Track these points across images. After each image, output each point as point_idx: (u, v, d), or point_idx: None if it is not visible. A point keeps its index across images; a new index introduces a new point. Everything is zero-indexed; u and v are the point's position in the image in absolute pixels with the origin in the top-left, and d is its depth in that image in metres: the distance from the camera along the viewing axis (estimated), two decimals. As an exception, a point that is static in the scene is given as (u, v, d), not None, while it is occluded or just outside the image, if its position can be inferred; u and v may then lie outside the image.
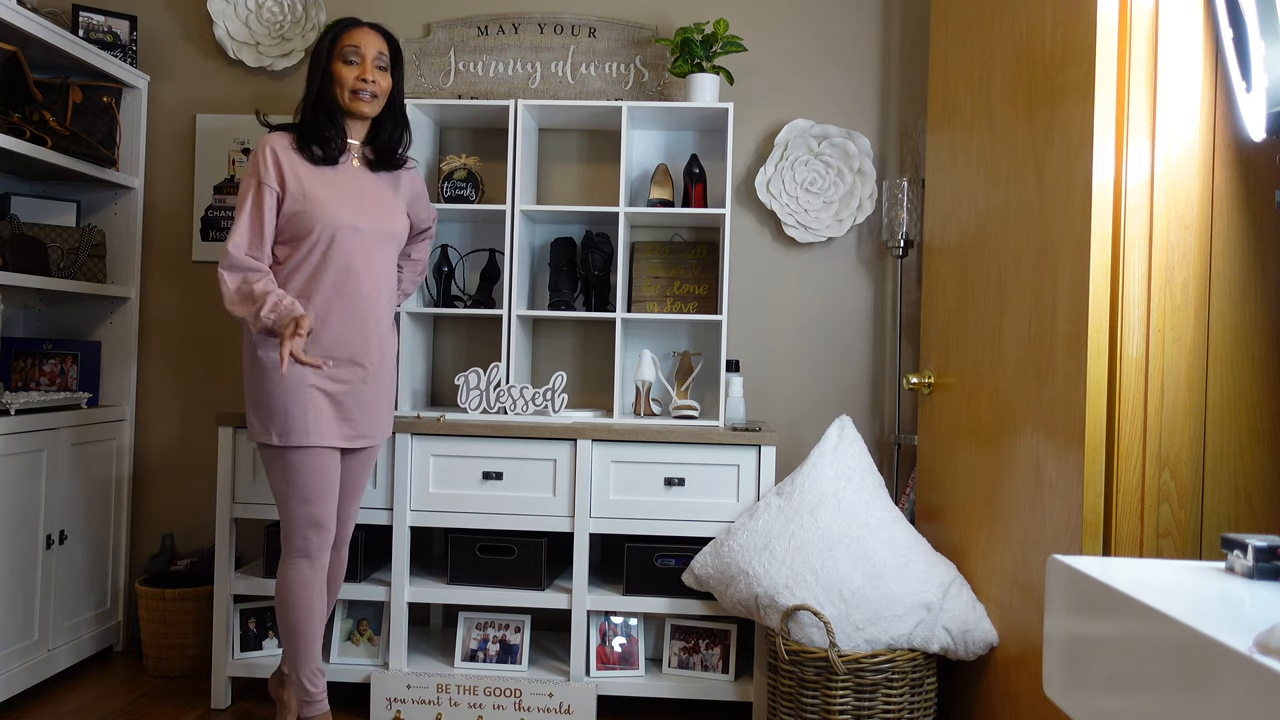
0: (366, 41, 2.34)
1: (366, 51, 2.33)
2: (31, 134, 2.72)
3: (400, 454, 2.70)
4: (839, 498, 2.48)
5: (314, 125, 2.34)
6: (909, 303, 3.09)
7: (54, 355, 3.12)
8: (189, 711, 2.71)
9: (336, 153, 2.35)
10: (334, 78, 2.33)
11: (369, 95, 2.33)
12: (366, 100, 2.33)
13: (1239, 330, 1.78)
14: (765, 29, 3.17)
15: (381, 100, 2.37)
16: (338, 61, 2.32)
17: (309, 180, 2.30)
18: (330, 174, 2.34)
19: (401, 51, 2.45)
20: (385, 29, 2.42)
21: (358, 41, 2.33)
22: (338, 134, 2.34)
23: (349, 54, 2.32)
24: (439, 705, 2.63)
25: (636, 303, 3.07)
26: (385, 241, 2.41)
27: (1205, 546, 1.78)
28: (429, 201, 2.65)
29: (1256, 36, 1.54)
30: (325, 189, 2.31)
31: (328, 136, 2.33)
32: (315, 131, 2.33)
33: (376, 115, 2.40)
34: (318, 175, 2.32)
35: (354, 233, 2.31)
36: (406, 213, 2.52)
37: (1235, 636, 0.78)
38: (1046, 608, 1.15)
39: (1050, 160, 1.99)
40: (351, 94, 2.32)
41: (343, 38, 2.33)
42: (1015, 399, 2.13)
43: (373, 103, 2.35)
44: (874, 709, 2.30)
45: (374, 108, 2.36)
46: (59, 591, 2.83)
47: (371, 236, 2.36)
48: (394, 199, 2.46)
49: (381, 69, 2.36)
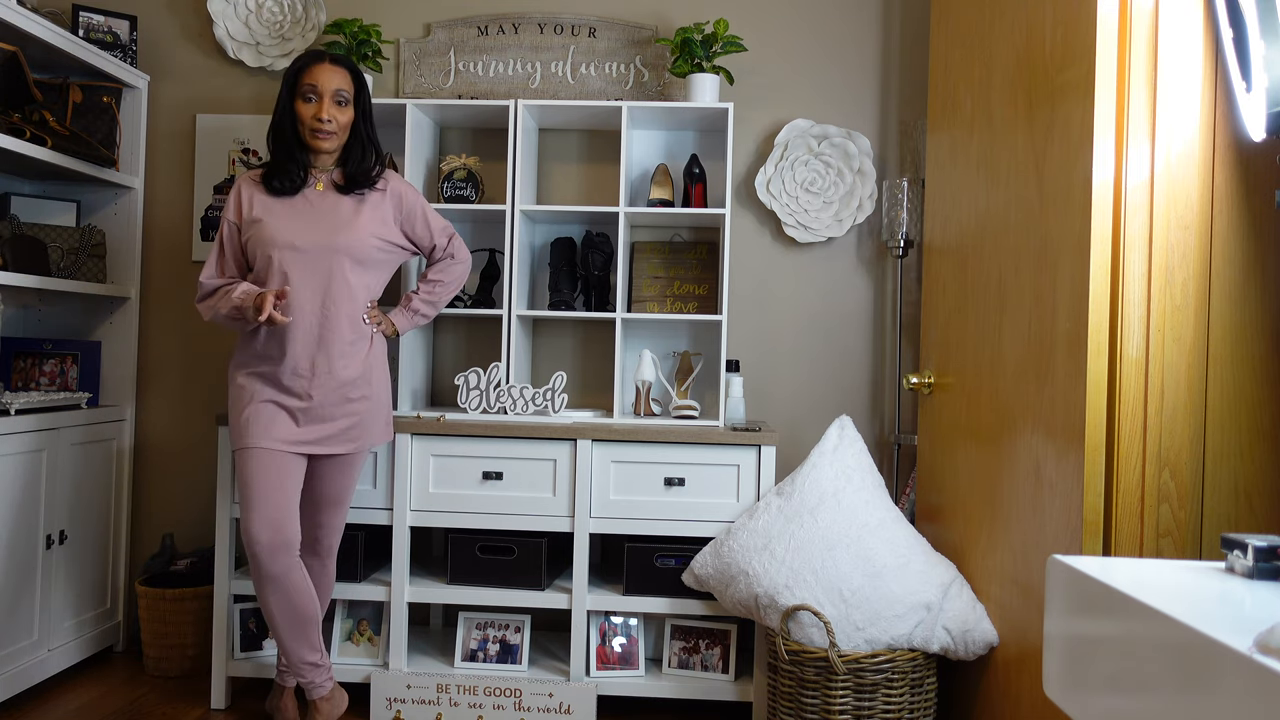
0: (324, 79, 2.40)
1: (324, 89, 2.39)
2: (31, 134, 2.72)
3: (400, 454, 2.70)
4: (839, 498, 2.48)
5: (276, 160, 2.44)
6: (909, 303, 3.09)
7: (54, 355, 3.12)
8: (189, 711, 2.71)
9: (298, 184, 2.43)
10: (295, 115, 2.41)
11: (326, 134, 2.41)
12: (324, 138, 2.41)
13: (1239, 330, 1.78)
14: (765, 29, 3.17)
15: (341, 135, 2.45)
16: (298, 99, 2.41)
17: (261, 207, 2.42)
18: (288, 200, 2.43)
19: (365, 81, 2.51)
20: (348, 60, 2.48)
21: (316, 79, 2.40)
22: (299, 169, 2.43)
23: (307, 92, 2.40)
24: (439, 705, 2.63)
25: (636, 303, 3.07)
26: (338, 258, 2.39)
27: (1205, 546, 1.78)
28: (431, 220, 2.58)
29: (1256, 36, 1.54)
30: (274, 214, 2.41)
31: (289, 170, 2.42)
32: (278, 166, 2.43)
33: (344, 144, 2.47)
34: (274, 202, 2.43)
35: (293, 252, 2.37)
36: (402, 231, 2.52)
37: (1235, 636, 0.78)
38: (1046, 608, 1.15)
39: (1050, 160, 1.99)
40: (311, 132, 2.41)
41: (302, 76, 2.41)
42: (1015, 399, 2.13)
43: (331, 139, 2.42)
44: (874, 709, 2.30)
45: (333, 143, 2.44)
46: (59, 591, 2.83)
47: (316, 254, 2.38)
48: (357, 218, 2.43)
49: (341, 104, 2.42)
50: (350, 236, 2.41)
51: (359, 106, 2.47)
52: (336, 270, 2.39)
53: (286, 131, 2.42)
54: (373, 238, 2.44)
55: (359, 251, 2.42)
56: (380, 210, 2.47)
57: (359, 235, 2.42)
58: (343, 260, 2.40)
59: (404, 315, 2.58)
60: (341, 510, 2.53)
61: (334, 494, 2.49)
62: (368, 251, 2.44)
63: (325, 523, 2.49)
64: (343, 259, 2.40)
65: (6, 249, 2.73)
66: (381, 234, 2.47)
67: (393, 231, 2.50)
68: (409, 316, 2.59)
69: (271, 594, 2.31)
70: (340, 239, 2.39)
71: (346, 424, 2.42)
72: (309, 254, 2.38)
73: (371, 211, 2.46)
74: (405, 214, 2.53)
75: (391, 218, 2.50)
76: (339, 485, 2.49)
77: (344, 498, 2.52)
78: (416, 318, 2.60)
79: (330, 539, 2.53)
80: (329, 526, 2.51)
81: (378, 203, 2.48)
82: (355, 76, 2.46)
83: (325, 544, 2.52)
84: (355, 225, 2.42)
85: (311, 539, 2.50)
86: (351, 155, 2.47)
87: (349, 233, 2.41)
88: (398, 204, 2.52)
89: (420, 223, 2.56)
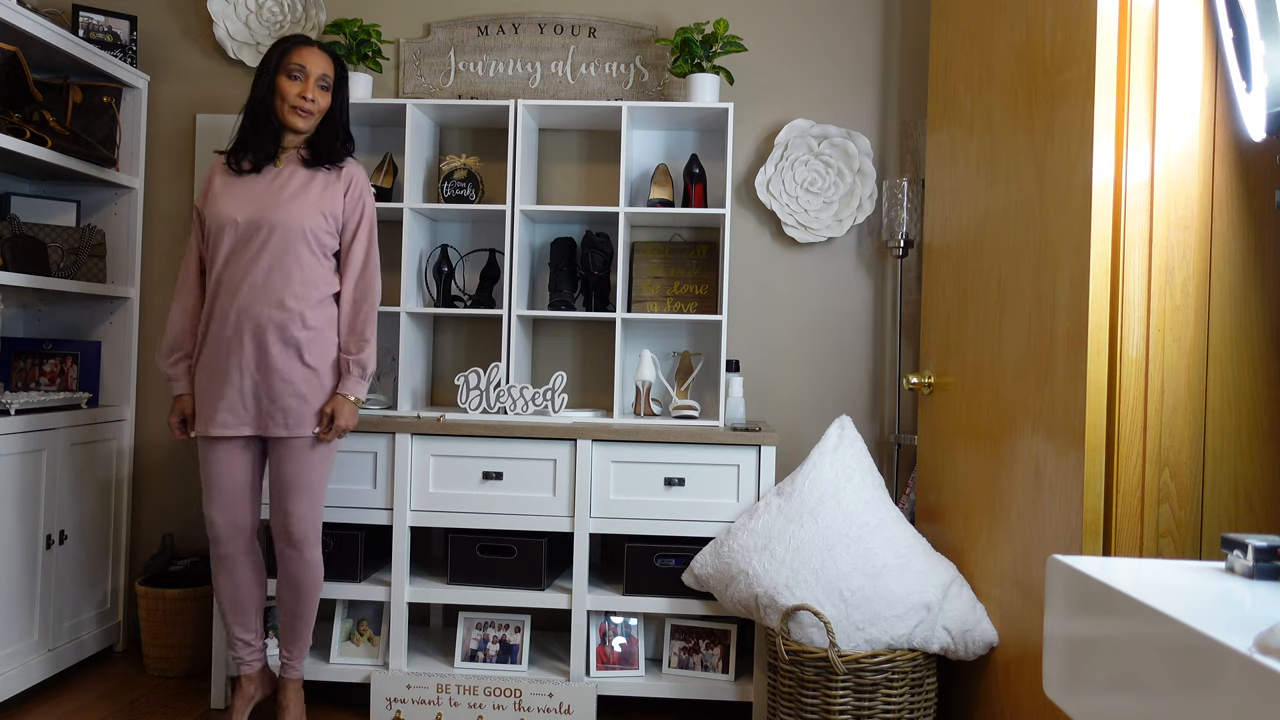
0: (312, 61, 2.42)
1: (311, 70, 2.42)
2: (31, 134, 2.72)
3: (400, 454, 2.70)
4: (839, 498, 2.48)
5: (251, 133, 2.44)
6: (909, 303, 3.09)
7: (54, 355, 3.12)
8: (189, 711, 2.71)
9: (265, 160, 2.43)
10: (277, 90, 2.42)
11: (306, 112, 2.42)
12: (303, 116, 2.43)
13: (1239, 330, 1.78)
14: (765, 29, 3.17)
15: (318, 118, 2.46)
16: (282, 76, 2.42)
17: (219, 186, 2.44)
18: (246, 179, 2.43)
19: (347, 72, 2.53)
20: (332, 50, 2.50)
21: (304, 60, 2.42)
22: (272, 140, 2.43)
23: (294, 70, 2.41)
24: (439, 705, 2.63)
25: (636, 303, 3.07)
26: (282, 234, 2.36)
27: (1205, 546, 1.78)
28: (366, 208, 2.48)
29: (1256, 36, 1.54)
30: (226, 191, 2.43)
31: (262, 141, 2.43)
32: (252, 139, 2.43)
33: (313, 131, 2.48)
34: (232, 181, 2.44)
35: (232, 226, 2.38)
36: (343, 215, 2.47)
37: (1235, 636, 0.78)
38: (1046, 608, 1.15)
39: (1050, 160, 1.99)
40: (291, 108, 2.42)
41: (290, 54, 2.42)
42: (1015, 399, 2.13)
43: (308, 119, 2.44)
44: (874, 709, 2.30)
45: (309, 124, 2.45)
46: (59, 591, 2.83)
47: (250, 230, 2.37)
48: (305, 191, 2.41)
49: (323, 89, 2.45)
50: (296, 208, 2.39)
51: (338, 96, 2.49)
52: (272, 246, 2.36)
53: (266, 106, 2.42)
54: (318, 212, 2.41)
55: (304, 222, 2.38)
56: (333, 188, 2.45)
57: (305, 207, 2.39)
58: (289, 232, 2.37)
59: (350, 379, 2.44)
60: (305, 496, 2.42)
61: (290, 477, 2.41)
62: (314, 221, 2.40)
63: (291, 511, 2.41)
64: (289, 231, 2.37)
65: (6, 249, 2.73)
66: (328, 209, 2.43)
67: (337, 213, 2.45)
68: (355, 375, 2.44)
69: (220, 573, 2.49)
70: (283, 211, 2.38)
71: (283, 402, 2.37)
72: (243, 229, 2.37)
73: (323, 188, 2.44)
74: (354, 210, 2.47)
75: (340, 195, 2.45)
76: (291, 468, 2.40)
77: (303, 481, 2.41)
78: (356, 369, 2.44)
79: (298, 526, 2.42)
80: (293, 514, 2.41)
81: (331, 181, 2.46)
82: (339, 66, 2.49)
83: (297, 531, 2.42)
84: (303, 197, 2.41)
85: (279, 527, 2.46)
86: (322, 136, 2.48)
87: (296, 204, 2.39)
88: (349, 183, 2.47)
89: (354, 203, 2.47)
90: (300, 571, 2.47)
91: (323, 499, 2.49)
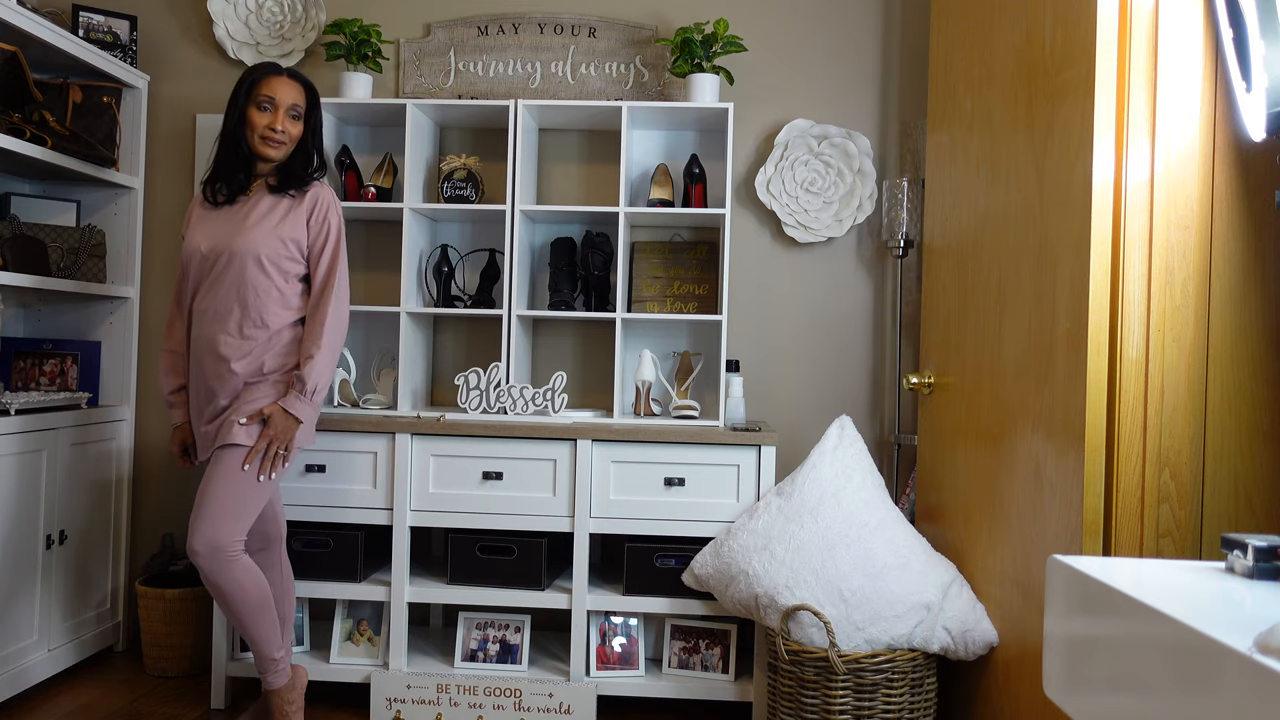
0: (281, 92, 2.41)
1: (281, 101, 2.41)
2: (31, 134, 2.72)
3: (400, 454, 2.70)
4: (839, 498, 2.48)
5: (223, 163, 2.45)
6: (909, 303, 3.09)
7: (54, 355, 3.12)
8: (189, 711, 2.71)
9: (238, 192, 2.44)
10: (248, 121, 2.42)
11: (276, 143, 2.41)
12: (274, 146, 2.42)
13: (1239, 330, 1.78)
14: (765, 29, 3.17)
15: (289, 147, 2.45)
16: (252, 106, 2.41)
17: (195, 218, 2.47)
18: (221, 210, 2.45)
19: (319, 98, 2.51)
20: (303, 77, 2.48)
21: (273, 91, 2.41)
22: (242, 170, 2.44)
23: (263, 101, 2.41)
24: (439, 705, 2.63)
25: (636, 303, 3.07)
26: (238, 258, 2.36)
27: (1205, 546, 1.78)
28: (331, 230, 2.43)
29: (1256, 36, 1.54)
30: (200, 223, 2.45)
31: (231, 175, 2.44)
32: (224, 169, 2.44)
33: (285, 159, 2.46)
34: (207, 213, 2.46)
35: (199, 258, 2.41)
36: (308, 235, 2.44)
37: (1235, 636, 0.78)
38: (1046, 608, 1.15)
39: (1050, 160, 1.99)
40: (261, 139, 2.41)
41: (259, 85, 2.42)
42: (1015, 399, 2.13)
43: (279, 149, 2.43)
44: (874, 709, 2.30)
45: (280, 153, 2.44)
46: (59, 591, 2.83)
47: (212, 259, 2.39)
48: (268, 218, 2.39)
49: (294, 118, 2.44)
50: (253, 235, 2.37)
51: (309, 124, 2.48)
52: (233, 273, 2.37)
53: (237, 137, 2.42)
54: (276, 238, 2.38)
55: (259, 250, 2.36)
56: (295, 212, 2.42)
57: (262, 233, 2.37)
58: (244, 260, 2.36)
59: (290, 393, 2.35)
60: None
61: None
62: (271, 248, 2.37)
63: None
64: (244, 258, 2.36)
65: (6, 249, 2.73)
66: (288, 235, 2.39)
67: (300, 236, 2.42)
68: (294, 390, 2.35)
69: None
70: (241, 239, 2.37)
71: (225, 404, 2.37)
72: (208, 258, 2.39)
73: (285, 213, 2.42)
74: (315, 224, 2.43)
75: (304, 219, 2.43)
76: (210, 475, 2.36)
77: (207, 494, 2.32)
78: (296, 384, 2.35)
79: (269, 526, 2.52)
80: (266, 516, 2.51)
81: (295, 206, 2.43)
82: (309, 94, 2.48)
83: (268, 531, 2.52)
84: (262, 224, 2.39)
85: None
86: (294, 162, 2.47)
87: (254, 231, 2.38)
88: (313, 206, 2.44)
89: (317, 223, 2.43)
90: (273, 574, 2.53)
91: (243, 516, 2.31)
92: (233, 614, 2.33)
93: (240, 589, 2.29)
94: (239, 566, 2.28)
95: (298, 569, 2.72)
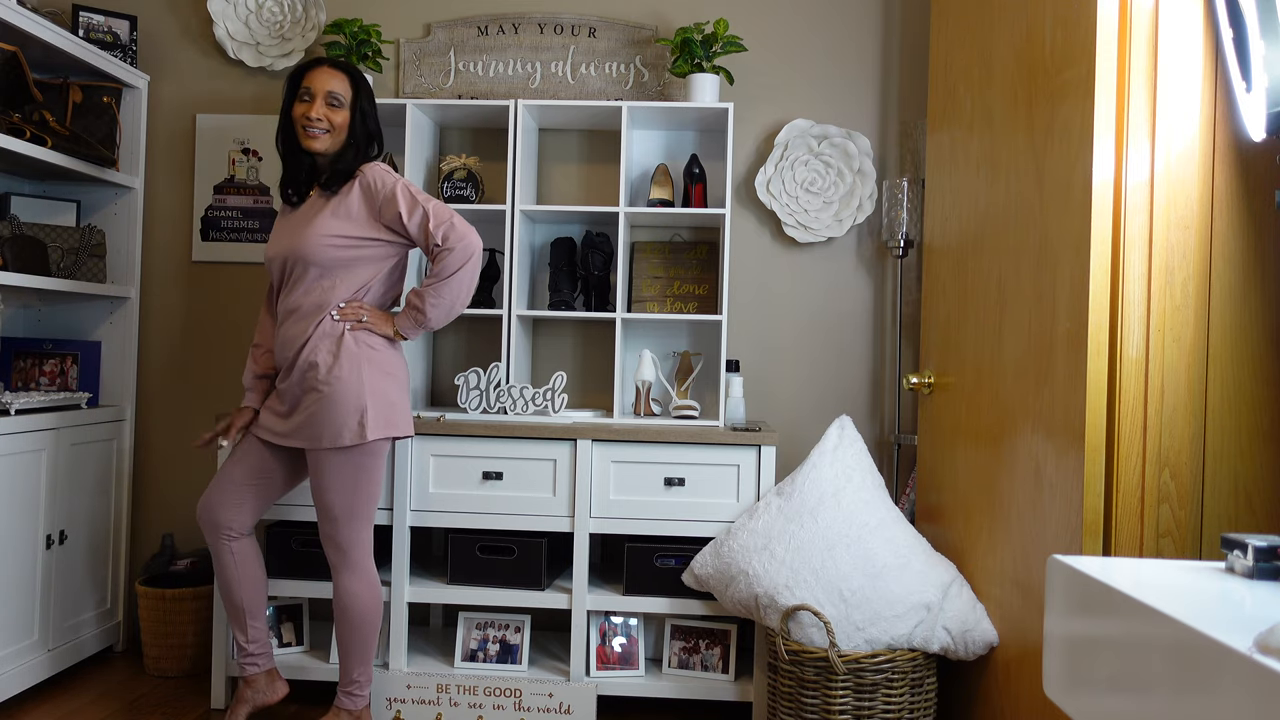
0: (318, 80, 2.41)
1: (318, 90, 2.40)
2: (31, 134, 2.72)
3: (400, 454, 2.70)
4: (839, 498, 2.48)
5: (287, 166, 2.48)
6: (909, 303, 3.09)
7: (54, 355, 3.12)
8: (189, 711, 2.71)
9: (305, 189, 2.46)
10: (293, 117, 2.43)
11: (317, 131, 2.39)
12: (315, 136, 2.39)
13: (1239, 330, 1.78)
14: (765, 29, 3.17)
15: (336, 135, 2.41)
16: (296, 101, 2.43)
17: (276, 224, 2.53)
18: (293, 213, 2.48)
19: (366, 84, 2.47)
20: (345, 64, 2.46)
21: (310, 82, 2.41)
22: (303, 169, 2.44)
23: (303, 94, 2.41)
24: (439, 705, 2.63)
25: (636, 303, 3.07)
26: (296, 265, 2.38)
27: (1205, 546, 1.78)
28: (403, 203, 2.35)
29: (1256, 36, 1.54)
30: (277, 229, 2.50)
31: (295, 173, 2.45)
32: (289, 172, 2.48)
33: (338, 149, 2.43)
34: (282, 219, 2.51)
35: (272, 264, 2.47)
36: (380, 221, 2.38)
37: (1235, 636, 0.78)
38: (1046, 608, 1.15)
39: (1050, 160, 1.99)
40: (302, 130, 2.40)
41: (300, 78, 2.43)
42: (1015, 399, 2.13)
43: (323, 138, 2.39)
44: (874, 709, 2.30)
45: (324, 143, 2.40)
46: (59, 591, 2.83)
47: (278, 264, 2.45)
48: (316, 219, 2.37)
49: (334, 105, 2.40)
50: (303, 239, 2.36)
51: (356, 108, 2.43)
52: (296, 274, 2.40)
53: (288, 134, 2.44)
54: (325, 236, 2.35)
55: (311, 253, 2.35)
56: (345, 205, 2.38)
57: (311, 236, 2.35)
58: (302, 264, 2.37)
59: (405, 316, 2.40)
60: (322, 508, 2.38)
61: (313, 486, 2.39)
62: (322, 252, 2.35)
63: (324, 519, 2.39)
64: (302, 262, 2.37)
65: (6, 249, 2.73)
66: (340, 230, 2.35)
67: (360, 225, 2.37)
68: (409, 316, 2.39)
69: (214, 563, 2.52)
70: (294, 243, 2.38)
71: (304, 417, 2.35)
72: (275, 264, 2.45)
73: (335, 209, 2.38)
74: (384, 201, 2.37)
75: (356, 210, 2.38)
76: (314, 479, 2.38)
77: (320, 491, 2.37)
78: (417, 315, 2.38)
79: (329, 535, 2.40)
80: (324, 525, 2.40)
81: (344, 198, 2.39)
82: (354, 80, 2.44)
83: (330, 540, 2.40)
84: (312, 226, 2.37)
85: None
86: (344, 157, 2.42)
87: (303, 235, 2.37)
88: (367, 193, 2.39)
89: (389, 206, 2.36)
90: (349, 585, 2.45)
91: (365, 516, 2.42)
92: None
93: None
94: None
95: (299, 568, 2.73)
